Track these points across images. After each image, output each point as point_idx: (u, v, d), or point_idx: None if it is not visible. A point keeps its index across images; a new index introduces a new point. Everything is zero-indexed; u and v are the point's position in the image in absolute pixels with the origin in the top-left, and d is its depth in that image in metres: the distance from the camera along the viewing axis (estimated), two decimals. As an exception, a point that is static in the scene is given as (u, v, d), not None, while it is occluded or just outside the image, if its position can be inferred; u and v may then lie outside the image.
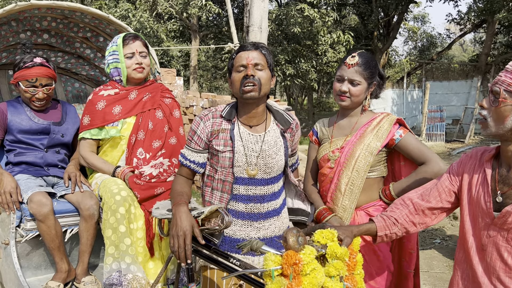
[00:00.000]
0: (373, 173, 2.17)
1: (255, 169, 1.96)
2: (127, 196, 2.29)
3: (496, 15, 13.92)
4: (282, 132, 2.06)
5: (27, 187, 2.37)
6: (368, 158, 2.14)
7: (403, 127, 2.18)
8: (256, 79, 1.90)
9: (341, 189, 2.16)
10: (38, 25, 2.94)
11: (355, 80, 2.13)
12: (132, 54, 2.53)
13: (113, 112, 2.50)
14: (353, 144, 2.17)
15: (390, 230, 1.80)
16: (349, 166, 2.15)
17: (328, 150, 2.25)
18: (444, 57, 28.10)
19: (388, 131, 2.16)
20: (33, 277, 2.42)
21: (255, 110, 1.97)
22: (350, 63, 2.14)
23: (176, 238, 1.77)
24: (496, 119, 1.51)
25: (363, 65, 2.13)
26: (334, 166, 2.20)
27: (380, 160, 2.19)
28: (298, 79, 15.68)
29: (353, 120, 2.24)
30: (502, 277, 1.57)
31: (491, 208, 1.59)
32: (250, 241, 1.53)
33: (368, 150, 2.14)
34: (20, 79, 2.48)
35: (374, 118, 2.22)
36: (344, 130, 2.26)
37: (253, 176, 1.97)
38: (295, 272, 1.39)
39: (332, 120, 2.35)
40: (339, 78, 2.18)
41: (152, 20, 13.80)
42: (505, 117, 1.48)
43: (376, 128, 2.18)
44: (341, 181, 2.16)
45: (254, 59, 1.91)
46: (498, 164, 1.63)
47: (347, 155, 2.17)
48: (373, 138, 2.15)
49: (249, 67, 1.90)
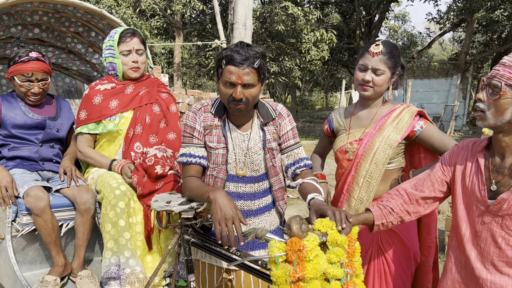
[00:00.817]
0: (391, 164, 2.15)
1: (243, 169, 1.96)
2: (126, 191, 2.30)
3: (475, 15, 14.24)
4: (262, 126, 2.00)
5: (23, 181, 2.36)
6: (387, 150, 2.11)
7: (423, 119, 2.15)
8: (244, 101, 1.83)
9: (358, 181, 2.15)
10: (29, 19, 2.91)
11: (379, 69, 2.08)
12: (129, 52, 2.52)
13: (110, 107, 2.50)
14: (372, 136, 2.14)
15: (387, 219, 1.86)
16: (368, 159, 2.13)
17: (346, 141, 2.21)
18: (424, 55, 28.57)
19: (408, 123, 2.12)
20: (29, 272, 2.41)
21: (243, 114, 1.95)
22: (374, 51, 2.08)
23: (223, 223, 1.64)
24: (495, 111, 1.57)
25: (387, 53, 2.08)
26: (352, 158, 2.18)
27: (399, 152, 2.16)
28: (282, 77, 15.76)
29: (373, 111, 2.20)
30: (496, 261, 1.65)
31: (485, 196, 1.66)
32: (255, 228, 1.56)
33: (388, 143, 2.11)
34: (15, 73, 2.47)
35: (394, 109, 2.18)
36: (362, 121, 2.22)
37: (242, 176, 1.96)
38: (299, 259, 1.43)
39: (349, 110, 2.30)
40: (361, 67, 2.12)
41: (135, 17, 13.69)
42: (504, 110, 1.55)
43: (396, 120, 2.14)
44: (359, 174, 2.15)
45: (245, 79, 1.79)
46: (490, 154, 1.70)
47: (366, 147, 2.14)
48: (392, 130, 2.12)
49: (238, 89, 1.79)
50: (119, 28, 2.58)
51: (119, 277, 2.25)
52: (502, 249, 1.64)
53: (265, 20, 14.66)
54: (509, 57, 1.57)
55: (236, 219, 1.64)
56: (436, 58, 33.92)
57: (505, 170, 1.64)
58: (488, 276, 1.67)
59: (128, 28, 2.59)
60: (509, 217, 1.61)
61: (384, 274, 2.15)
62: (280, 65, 15.26)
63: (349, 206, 2.20)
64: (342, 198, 2.25)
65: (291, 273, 1.41)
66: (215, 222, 1.67)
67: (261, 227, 1.59)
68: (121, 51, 2.51)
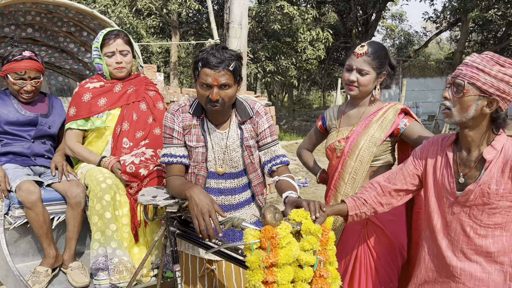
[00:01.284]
0: (378, 161, 2.22)
1: (223, 166, 2.04)
2: (112, 184, 2.38)
3: (469, 14, 14.34)
4: (239, 124, 2.06)
5: (15, 176, 2.45)
6: (372, 148, 2.18)
7: (408, 116, 2.21)
8: (221, 102, 1.89)
9: (344, 178, 2.23)
10: (22, 19, 2.99)
11: (363, 70, 2.14)
12: (112, 53, 2.60)
13: (98, 104, 2.60)
14: (358, 134, 2.21)
15: (360, 210, 1.95)
16: (353, 156, 2.20)
17: (335, 139, 2.29)
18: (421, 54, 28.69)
19: (392, 121, 2.19)
20: (21, 263, 2.49)
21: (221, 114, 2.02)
22: (359, 52, 2.15)
23: (200, 217, 1.72)
24: (459, 109, 1.68)
25: (372, 54, 2.14)
26: (339, 156, 2.25)
27: (385, 149, 2.23)
28: (278, 76, 15.84)
29: (361, 110, 2.27)
30: (465, 249, 1.75)
31: (454, 188, 1.76)
32: (232, 217, 1.66)
33: (372, 141, 2.18)
34: (9, 72, 2.55)
35: (381, 108, 2.24)
36: (351, 120, 2.29)
37: (222, 173, 2.04)
38: (272, 245, 1.52)
39: (341, 109, 2.38)
40: (348, 67, 2.19)
41: (131, 16, 13.75)
42: (468, 107, 1.65)
43: (381, 119, 2.21)
44: (345, 170, 2.22)
45: (220, 80, 1.85)
46: (458, 148, 1.80)
47: (351, 145, 2.21)
48: (377, 129, 2.19)
49: (214, 90, 1.85)
50: (105, 30, 2.66)
51: (107, 267, 2.33)
52: (471, 237, 1.73)
53: (261, 19, 14.74)
54: (471, 58, 1.67)
55: (213, 211, 1.72)
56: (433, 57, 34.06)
57: (471, 163, 1.74)
58: (458, 263, 1.76)
59: (112, 30, 2.66)
60: (476, 207, 1.71)
61: (370, 269, 2.23)
62: (276, 64, 15.34)
63: (335, 201, 2.28)
64: (330, 193, 2.34)
65: (264, 258, 1.50)
66: (193, 218, 1.76)
67: (238, 217, 1.68)
68: (104, 53, 2.60)
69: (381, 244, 2.22)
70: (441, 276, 1.83)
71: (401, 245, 2.24)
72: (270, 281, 1.52)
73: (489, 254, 1.72)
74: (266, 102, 6.89)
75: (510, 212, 1.68)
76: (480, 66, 1.62)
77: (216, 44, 1.92)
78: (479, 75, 1.61)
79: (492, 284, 1.72)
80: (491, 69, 1.60)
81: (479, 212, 1.71)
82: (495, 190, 1.66)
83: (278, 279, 1.52)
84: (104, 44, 2.59)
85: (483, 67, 1.61)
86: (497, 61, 1.62)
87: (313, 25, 15.54)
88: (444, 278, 1.82)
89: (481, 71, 1.62)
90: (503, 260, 1.71)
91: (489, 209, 1.69)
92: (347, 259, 2.25)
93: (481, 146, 1.72)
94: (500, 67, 1.60)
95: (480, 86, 1.62)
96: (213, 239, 1.73)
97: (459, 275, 1.76)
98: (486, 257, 1.73)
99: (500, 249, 1.70)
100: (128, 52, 2.66)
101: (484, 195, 1.68)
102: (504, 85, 1.60)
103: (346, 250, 2.25)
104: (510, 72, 1.60)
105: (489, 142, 1.71)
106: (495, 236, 1.71)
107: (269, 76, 15.63)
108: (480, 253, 1.73)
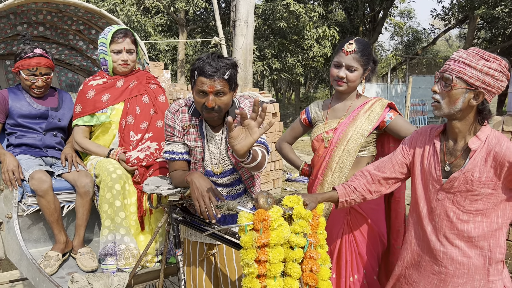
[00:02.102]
0: (363, 152, 2.36)
1: (219, 167, 2.15)
2: (122, 174, 2.52)
3: (476, 11, 14.31)
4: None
5: (28, 166, 2.60)
6: (359, 139, 2.31)
7: (393, 110, 2.35)
8: (216, 109, 1.96)
9: (332, 167, 2.35)
10: (34, 18, 3.14)
11: (352, 67, 2.27)
12: (120, 51, 2.74)
13: (102, 100, 2.73)
14: (346, 125, 2.33)
15: (350, 197, 2.07)
16: (341, 146, 2.32)
17: (322, 130, 2.41)
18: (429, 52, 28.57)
19: (379, 114, 2.32)
20: (34, 248, 2.64)
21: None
22: (348, 50, 2.27)
23: (201, 200, 1.85)
24: (448, 101, 1.78)
25: (360, 52, 2.27)
26: (327, 146, 2.38)
27: (370, 141, 2.37)
28: (285, 73, 15.93)
29: (348, 104, 2.39)
30: (447, 234, 1.86)
31: (440, 176, 1.87)
32: (227, 202, 1.79)
33: (360, 132, 2.31)
34: (21, 68, 2.70)
35: (367, 102, 2.37)
36: (338, 113, 2.41)
37: (219, 173, 2.16)
38: (264, 227, 1.64)
39: (326, 103, 2.50)
40: (336, 64, 2.31)
41: (139, 14, 13.91)
42: (456, 99, 1.76)
43: (368, 112, 2.33)
44: (332, 160, 2.34)
45: (216, 88, 1.91)
46: (445, 138, 1.91)
47: (340, 135, 2.33)
48: (365, 121, 2.31)
49: (210, 98, 1.92)
50: (113, 27, 2.79)
51: (115, 253, 2.47)
52: (453, 222, 1.84)
53: (268, 17, 14.83)
54: (458, 53, 1.78)
55: (211, 194, 1.87)
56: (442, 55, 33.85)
57: (457, 152, 1.85)
58: (441, 248, 1.88)
59: (121, 28, 2.79)
60: (459, 194, 1.82)
61: (354, 253, 2.36)
62: (282, 62, 15.43)
63: (322, 189, 2.40)
64: (316, 183, 2.45)
65: (257, 239, 1.62)
66: (194, 200, 1.90)
67: (233, 201, 1.81)
68: (112, 50, 2.73)
69: (363, 231, 2.34)
70: (425, 260, 1.94)
71: (381, 232, 2.36)
72: (262, 260, 1.64)
73: (470, 238, 1.82)
74: (270, 99, 7.00)
75: (491, 199, 1.78)
76: (467, 61, 1.72)
77: (212, 53, 1.99)
78: (466, 69, 1.71)
79: (472, 268, 1.83)
80: (477, 64, 1.70)
81: (462, 198, 1.81)
82: (478, 178, 1.76)
83: (270, 258, 1.64)
84: (113, 41, 2.72)
85: (469, 62, 1.71)
86: (482, 56, 1.72)
87: (319, 22, 15.60)
88: (428, 262, 1.93)
89: (468, 65, 1.71)
90: (482, 245, 1.82)
91: (471, 195, 1.79)
92: (333, 244, 2.38)
93: (467, 136, 1.82)
94: (485, 61, 1.70)
95: (467, 80, 1.72)
96: (212, 220, 1.86)
97: (442, 259, 1.87)
98: (467, 242, 1.83)
99: (480, 234, 1.81)
100: (134, 51, 2.80)
101: (468, 182, 1.78)
102: (489, 79, 1.70)
103: (332, 236, 2.37)
104: (494, 66, 1.70)
105: (474, 133, 1.81)
106: (476, 221, 1.81)
107: (275, 74, 15.72)
108: (461, 237, 1.83)
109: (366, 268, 2.33)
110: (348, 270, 2.34)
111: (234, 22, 9.32)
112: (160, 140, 2.76)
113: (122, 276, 2.41)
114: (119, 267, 2.46)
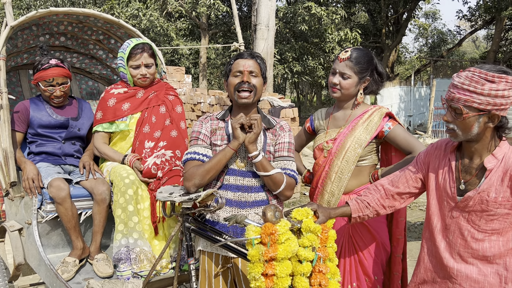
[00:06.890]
0: (364, 161, 2.35)
1: (243, 162, 2.20)
2: (135, 180, 2.57)
3: (502, 12, 13.95)
4: (264, 129, 2.26)
5: (47, 174, 2.67)
6: (357, 149, 2.30)
7: (392, 120, 2.34)
8: (252, 85, 2.18)
9: (331, 176, 2.35)
10: (56, 29, 3.24)
11: (345, 74, 2.29)
12: (138, 66, 2.79)
13: (122, 109, 2.80)
14: (345, 135, 2.34)
15: (363, 213, 2.05)
16: (340, 156, 2.32)
17: (323, 140, 2.42)
18: (455, 54, 27.99)
19: (377, 124, 2.31)
20: (52, 254, 2.71)
21: (247, 112, 2.22)
22: (342, 57, 2.31)
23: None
24: (463, 129, 1.72)
25: (354, 59, 2.28)
26: (327, 156, 2.38)
27: (371, 150, 2.35)
28: (306, 76, 15.88)
29: (347, 113, 2.40)
30: (461, 252, 1.82)
31: (455, 193, 1.82)
32: (236, 215, 1.80)
33: (358, 142, 2.30)
34: (39, 80, 2.79)
35: (366, 111, 2.37)
36: (338, 122, 2.42)
37: (242, 168, 2.20)
38: (271, 241, 1.65)
39: (329, 111, 2.51)
40: (332, 71, 2.36)
41: (162, 19, 14.10)
42: (471, 126, 1.70)
43: (367, 121, 2.33)
44: (331, 170, 2.35)
45: (250, 67, 2.18)
46: (460, 155, 1.86)
47: (339, 146, 2.34)
48: (363, 131, 2.31)
49: (245, 73, 2.17)
50: (131, 41, 2.83)
51: (129, 257, 2.51)
52: (468, 241, 1.79)
53: (289, 20, 14.82)
54: (458, 79, 1.69)
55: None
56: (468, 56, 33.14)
57: (473, 170, 1.79)
58: (455, 265, 1.83)
59: (138, 43, 2.82)
60: (474, 213, 1.77)
61: (355, 261, 2.35)
62: (303, 65, 15.38)
63: (322, 199, 2.40)
64: (317, 192, 2.45)
65: (264, 253, 1.63)
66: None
67: (242, 214, 1.82)
68: (130, 65, 2.79)
69: (365, 239, 2.33)
70: (439, 276, 1.90)
71: (383, 240, 2.35)
72: (269, 274, 1.65)
73: (485, 257, 1.77)
74: (290, 103, 6.99)
75: (507, 219, 1.73)
76: (471, 88, 1.63)
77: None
78: (473, 96, 1.64)
79: (488, 286, 1.77)
80: (483, 89, 1.62)
81: (477, 217, 1.76)
82: (494, 198, 1.71)
83: (277, 272, 1.65)
84: (131, 57, 2.78)
85: (474, 89, 1.63)
86: (486, 78, 1.62)
87: (342, 25, 15.49)
88: (442, 279, 1.89)
89: (473, 92, 1.63)
90: (498, 264, 1.76)
91: (487, 215, 1.74)
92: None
93: (484, 154, 1.76)
94: (491, 84, 1.62)
95: (477, 107, 1.65)
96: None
97: (456, 276, 1.83)
98: (482, 260, 1.78)
99: (495, 253, 1.76)
100: (152, 64, 2.85)
101: (483, 202, 1.73)
102: (500, 100, 1.62)
103: None
104: (502, 87, 1.61)
105: (492, 150, 1.75)
106: (492, 240, 1.76)
107: (296, 77, 15.68)
108: (476, 256, 1.79)
109: (367, 276, 2.32)
110: (347, 277, 2.34)
111: (255, 26, 9.36)
112: (175, 149, 2.81)
113: (136, 283, 2.46)
114: (134, 271, 2.50)
